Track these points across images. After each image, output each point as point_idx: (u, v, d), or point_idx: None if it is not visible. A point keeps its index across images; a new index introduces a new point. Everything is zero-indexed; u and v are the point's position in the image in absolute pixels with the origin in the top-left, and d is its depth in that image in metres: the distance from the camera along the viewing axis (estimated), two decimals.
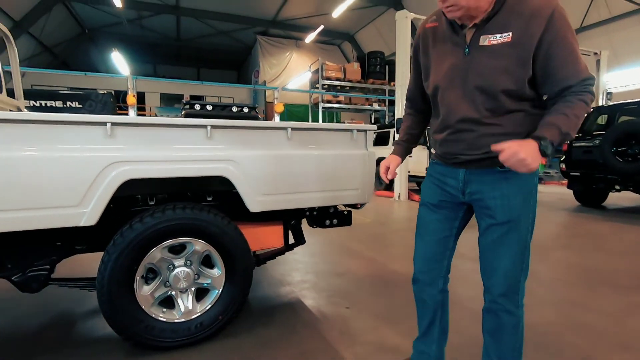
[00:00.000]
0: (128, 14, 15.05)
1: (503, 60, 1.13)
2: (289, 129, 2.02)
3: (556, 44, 1.10)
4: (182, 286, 1.83)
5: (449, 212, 1.39)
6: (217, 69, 21.47)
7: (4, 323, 2.11)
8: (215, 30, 17.10)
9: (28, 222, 1.51)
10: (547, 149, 1.05)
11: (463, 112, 1.23)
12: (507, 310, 1.29)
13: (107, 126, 1.62)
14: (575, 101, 1.10)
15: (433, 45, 1.31)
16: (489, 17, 1.15)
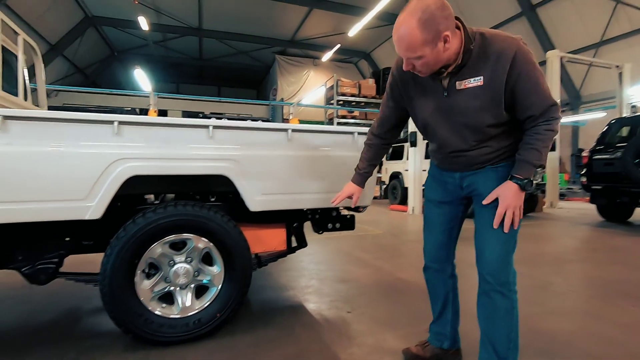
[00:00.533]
0: (154, 36, 15.88)
1: (479, 101, 1.26)
2: (289, 130, 2.07)
3: (520, 81, 1.21)
4: (181, 282, 1.87)
5: (452, 207, 1.57)
6: (237, 88, 22.15)
7: (13, 317, 2.19)
8: (236, 50, 17.76)
9: (38, 213, 1.60)
10: (527, 186, 1.27)
11: (454, 145, 1.40)
12: (499, 291, 1.34)
13: (114, 124, 1.71)
14: (542, 132, 1.25)
15: (414, 85, 1.43)
16: (461, 66, 1.25)
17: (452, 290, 1.66)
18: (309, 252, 3.97)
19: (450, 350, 1.68)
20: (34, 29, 12.34)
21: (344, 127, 2.28)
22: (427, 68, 1.24)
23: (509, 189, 1.29)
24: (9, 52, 2.43)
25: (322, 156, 2.14)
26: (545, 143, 1.25)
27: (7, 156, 1.54)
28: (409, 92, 1.45)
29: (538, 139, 1.25)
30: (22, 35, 2.46)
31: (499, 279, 1.34)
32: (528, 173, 1.27)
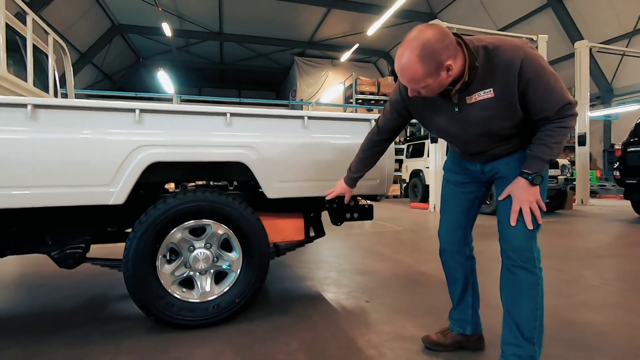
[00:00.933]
0: (177, 42, 16.34)
1: (493, 111, 1.26)
2: (305, 117, 2.07)
3: (530, 87, 1.19)
4: (201, 267, 1.90)
5: (472, 187, 1.56)
6: (257, 90, 22.46)
7: (44, 302, 2.29)
8: (255, 53, 18.02)
9: (65, 198, 1.67)
10: (536, 180, 1.27)
11: (474, 149, 1.43)
12: (522, 267, 1.31)
13: (136, 112, 1.77)
14: (554, 129, 1.23)
15: (423, 103, 1.43)
16: (468, 82, 1.24)
17: (471, 273, 1.62)
18: (328, 246, 3.96)
19: (473, 337, 1.63)
20: (65, 38, 12.96)
21: (360, 114, 2.26)
22: (432, 93, 1.26)
23: (518, 185, 1.29)
24: (40, 51, 2.56)
25: (338, 144, 2.13)
26: (556, 139, 1.24)
27: (36, 143, 1.61)
28: (418, 109, 1.47)
29: (549, 135, 1.24)
30: (52, 35, 2.59)
31: (521, 255, 1.30)
32: (537, 167, 1.26)
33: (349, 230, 5.03)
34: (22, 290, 2.54)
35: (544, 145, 1.24)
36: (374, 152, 1.68)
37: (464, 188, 1.57)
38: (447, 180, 1.64)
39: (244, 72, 20.22)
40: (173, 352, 1.64)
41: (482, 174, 1.51)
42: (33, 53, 2.46)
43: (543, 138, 1.25)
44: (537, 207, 1.28)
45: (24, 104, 1.61)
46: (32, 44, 2.42)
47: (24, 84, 2.20)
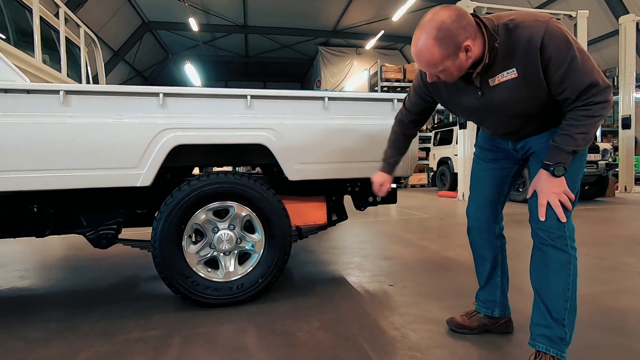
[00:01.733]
0: (203, 36, 16.62)
1: (518, 92, 1.18)
2: (326, 98, 2.05)
3: (551, 64, 1.10)
4: (224, 248, 1.94)
5: (504, 162, 1.49)
6: (282, 82, 22.53)
7: (84, 281, 2.43)
8: (279, 44, 18.03)
9: (96, 180, 1.74)
10: (558, 171, 1.17)
11: (502, 130, 1.37)
12: (552, 245, 1.24)
13: (160, 96, 1.81)
14: (579, 118, 1.13)
15: (445, 88, 1.37)
16: (489, 64, 1.17)
17: (500, 252, 1.56)
18: (352, 232, 3.95)
19: (501, 320, 1.57)
20: (99, 37, 13.51)
21: (382, 94, 2.20)
22: (452, 77, 1.19)
23: (540, 178, 1.22)
24: (74, 44, 2.67)
25: (359, 124, 2.09)
26: (582, 129, 1.14)
27: (69, 128, 1.69)
28: (441, 94, 1.41)
29: (572, 125, 1.15)
30: (83, 28, 2.70)
31: (552, 233, 1.23)
32: (559, 158, 1.17)
33: (375, 218, 4.98)
34: (64, 270, 2.70)
35: (567, 135, 1.15)
36: (404, 136, 1.61)
37: (496, 164, 1.51)
38: (478, 157, 1.58)
39: (268, 64, 20.31)
40: (200, 327, 1.70)
41: (514, 151, 1.44)
42: (67, 46, 2.58)
43: (566, 128, 1.16)
44: (567, 198, 1.20)
45: (57, 90, 1.68)
46: (65, 37, 2.53)
47: (58, 74, 2.32)
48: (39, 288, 2.33)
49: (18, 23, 2.05)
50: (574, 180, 1.26)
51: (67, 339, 1.61)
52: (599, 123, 1.16)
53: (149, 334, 1.65)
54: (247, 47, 18.59)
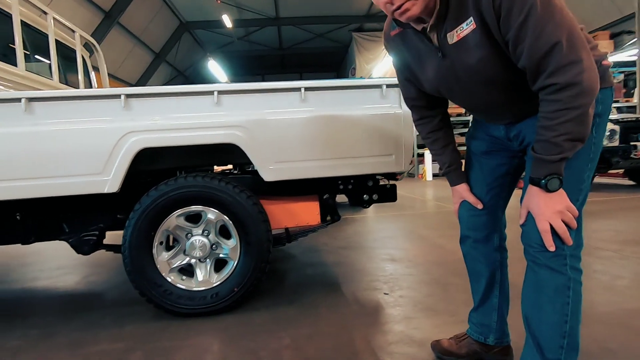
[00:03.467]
0: (238, 32, 16.86)
1: (481, 50, 0.90)
2: (302, 89, 1.84)
3: (505, 14, 0.82)
4: (198, 255, 1.84)
5: (499, 155, 1.20)
6: (318, 72, 22.31)
7: (63, 285, 2.48)
8: (313, 34, 17.79)
9: (62, 188, 1.71)
10: (552, 184, 0.89)
11: (482, 107, 1.09)
12: (545, 264, 0.96)
13: (122, 98, 1.72)
14: (551, 116, 0.84)
15: (408, 52, 1.09)
16: (442, 14, 0.93)
17: (499, 268, 1.27)
18: (370, 228, 3.71)
19: (496, 348, 1.30)
20: (142, 41, 14.25)
21: (368, 79, 1.95)
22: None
23: (532, 196, 0.94)
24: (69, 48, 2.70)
25: (343, 116, 1.86)
26: (559, 131, 0.83)
27: (31, 136, 1.66)
28: (409, 65, 1.12)
29: (545, 127, 0.85)
30: (79, 32, 2.72)
31: (545, 252, 0.94)
32: (548, 170, 0.88)
33: (399, 211, 4.68)
34: (65, 271, 2.80)
35: (545, 142, 0.86)
36: (437, 136, 1.25)
37: (490, 159, 1.21)
38: (471, 150, 1.27)
39: (303, 55, 20.18)
40: (166, 341, 1.61)
41: (507, 140, 1.14)
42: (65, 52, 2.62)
43: (540, 131, 0.87)
44: (571, 216, 0.91)
45: (19, 98, 1.66)
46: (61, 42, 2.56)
47: (47, 81, 2.35)
48: (40, 290, 2.41)
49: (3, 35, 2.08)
50: (580, 179, 0.96)
51: (38, 350, 1.60)
52: (585, 116, 0.82)
53: (114, 346, 1.59)
54: (280, 39, 18.58)
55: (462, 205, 1.28)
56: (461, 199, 1.26)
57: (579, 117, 0.82)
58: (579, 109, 0.81)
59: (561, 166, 0.88)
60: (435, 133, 1.24)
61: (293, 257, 2.86)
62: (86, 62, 2.89)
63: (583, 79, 0.79)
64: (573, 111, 0.81)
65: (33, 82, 2.20)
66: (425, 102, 1.21)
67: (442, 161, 1.26)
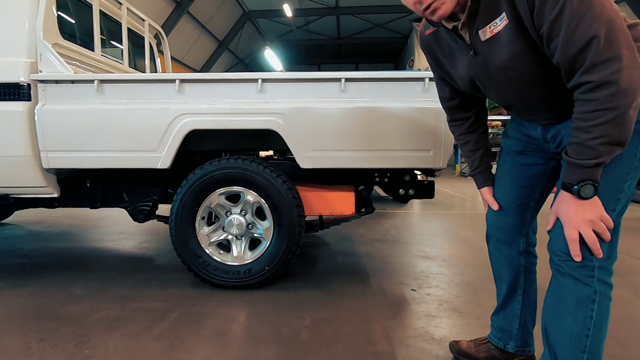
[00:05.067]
0: (297, 21, 17.07)
1: (515, 46, 0.87)
2: (342, 79, 1.87)
3: (539, 7, 0.78)
4: (235, 232, 1.97)
5: (534, 156, 1.15)
6: (375, 63, 21.93)
7: (123, 248, 2.77)
8: (372, 24, 17.46)
9: (123, 161, 1.92)
10: (585, 191, 0.83)
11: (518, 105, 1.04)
12: (569, 274, 0.91)
13: (176, 82, 1.88)
14: (586, 117, 0.79)
15: (441, 52, 1.08)
16: (474, 11, 0.90)
17: (523, 273, 1.23)
18: (409, 224, 3.66)
19: (517, 356, 1.25)
20: (207, 29, 15.03)
21: (411, 72, 1.91)
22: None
23: (563, 203, 0.88)
24: (139, 36, 2.97)
25: (382, 108, 1.86)
26: (594, 133, 0.78)
27: (102, 113, 1.88)
28: (440, 62, 1.10)
29: (580, 128, 0.80)
30: (148, 21, 2.97)
31: (570, 261, 0.89)
32: (581, 175, 0.83)
33: (445, 210, 4.53)
34: (121, 238, 3.13)
35: (579, 144, 0.81)
36: (469, 138, 1.21)
37: (524, 158, 1.16)
38: (504, 149, 1.23)
39: (361, 45, 19.91)
40: (200, 306, 1.77)
41: (544, 141, 1.08)
42: (136, 39, 2.89)
43: (574, 133, 0.82)
44: (604, 227, 0.85)
45: (92, 79, 1.88)
46: (132, 30, 2.83)
47: (119, 65, 2.61)
48: (103, 250, 2.74)
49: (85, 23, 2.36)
50: (618, 188, 0.89)
51: (94, 299, 1.84)
52: (624, 118, 0.75)
53: (156, 305, 1.78)
54: (339, 29, 18.48)
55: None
56: (484, 201, 1.24)
57: (616, 118, 0.76)
58: (616, 110, 0.75)
59: (597, 172, 0.82)
60: (467, 135, 1.21)
61: (326, 244, 2.93)
62: (153, 49, 3.16)
63: (621, 77, 0.73)
64: (610, 112, 0.75)
65: (107, 65, 2.47)
66: (459, 102, 1.19)
67: (470, 163, 1.24)
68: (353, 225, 3.52)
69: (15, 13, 1.91)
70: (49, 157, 1.91)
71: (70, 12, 2.28)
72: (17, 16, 1.91)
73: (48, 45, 1.88)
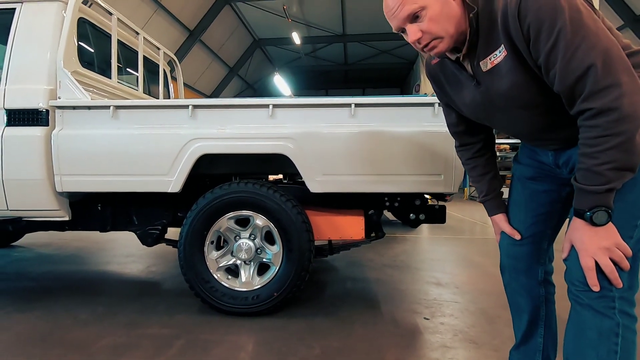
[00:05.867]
0: (305, 48, 17.58)
1: (516, 76, 0.88)
2: (352, 105, 1.89)
3: (535, 38, 0.79)
4: (243, 257, 1.95)
5: (547, 182, 1.12)
6: (381, 88, 22.29)
7: (130, 271, 2.75)
8: (378, 50, 17.89)
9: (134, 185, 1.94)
10: (598, 218, 0.80)
11: (526, 131, 1.04)
12: (590, 306, 0.87)
13: (189, 108, 1.92)
14: (591, 143, 0.78)
15: (446, 80, 1.10)
16: (473, 43, 0.92)
17: (544, 304, 1.17)
18: (420, 249, 3.59)
19: None
20: (218, 56, 15.53)
21: (421, 97, 1.93)
22: (437, 27, 0.87)
23: (577, 230, 0.86)
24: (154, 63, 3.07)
25: (392, 133, 1.87)
26: (602, 159, 0.77)
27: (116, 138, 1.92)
28: (446, 90, 1.12)
29: (586, 154, 0.80)
30: (163, 49, 3.08)
31: (589, 292, 0.85)
32: (593, 201, 0.81)
33: (454, 235, 4.45)
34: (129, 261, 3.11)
35: (587, 170, 0.80)
36: (476, 163, 1.20)
37: (537, 185, 1.13)
38: (516, 175, 1.21)
39: (367, 71, 20.33)
40: (207, 333, 1.73)
41: (556, 167, 1.06)
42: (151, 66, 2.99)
43: (582, 159, 0.81)
44: (621, 255, 0.81)
45: (107, 105, 1.94)
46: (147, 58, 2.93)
47: (134, 92, 2.69)
48: (110, 273, 2.72)
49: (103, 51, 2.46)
50: (635, 214, 0.86)
51: (101, 324, 1.82)
52: (631, 143, 0.74)
53: (163, 331, 1.74)
54: (346, 55, 18.96)
55: (503, 233, 1.20)
56: (500, 228, 1.20)
57: (623, 144, 0.75)
58: (621, 136, 0.74)
59: (609, 198, 0.80)
60: (475, 160, 1.20)
61: (336, 269, 2.88)
62: (167, 75, 3.25)
63: (623, 104, 0.73)
64: (615, 138, 0.75)
65: (122, 92, 2.54)
66: (466, 128, 1.18)
67: (479, 189, 1.21)
68: (362, 249, 3.46)
69: (39, 43, 2.00)
70: (62, 181, 1.94)
71: (89, 41, 2.37)
72: (40, 46, 2.00)
73: (67, 73, 1.95)
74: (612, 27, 0.86)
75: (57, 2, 2.04)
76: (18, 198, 1.98)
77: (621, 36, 0.88)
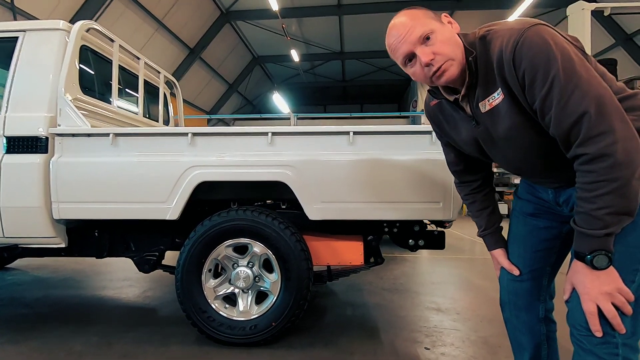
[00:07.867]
0: (304, 65, 17.83)
1: (513, 119, 0.90)
2: (351, 133, 1.90)
3: (529, 84, 0.82)
4: (241, 285, 1.92)
5: (547, 219, 1.12)
6: (379, 104, 22.54)
7: (124, 296, 2.71)
8: (376, 67, 18.15)
9: (133, 212, 1.93)
10: (599, 261, 0.80)
11: (526, 170, 1.05)
12: (592, 352, 0.86)
13: (189, 136, 1.93)
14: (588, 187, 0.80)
15: (445, 120, 1.12)
16: (472, 85, 0.95)
17: (545, 342, 1.16)
18: (421, 271, 3.56)
19: None
20: (218, 73, 15.72)
21: (419, 126, 1.95)
22: (449, 48, 0.89)
23: (577, 273, 0.86)
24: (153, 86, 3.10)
25: (390, 160, 1.88)
26: (598, 204, 0.78)
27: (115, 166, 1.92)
28: (445, 130, 1.14)
29: (584, 199, 0.81)
30: (163, 73, 3.12)
31: (591, 337, 0.84)
32: (593, 245, 0.81)
33: (455, 254, 4.42)
34: (125, 285, 3.07)
35: (585, 214, 0.81)
36: (474, 198, 1.21)
37: (537, 221, 1.13)
38: (516, 210, 1.21)
39: (365, 87, 20.60)
40: None
41: (557, 205, 1.06)
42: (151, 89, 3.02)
43: (579, 204, 0.82)
44: (623, 300, 0.81)
45: (107, 133, 1.94)
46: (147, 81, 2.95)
47: (133, 116, 2.71)
48: (106, 298, 2.68)
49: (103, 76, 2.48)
50: (636, 259, 0.85)
51: (95, 355, 1.78)
52: (627, 188, 0.75)
53: None
54: (344, 72, 19.23)
55: (503, 268, 1.19)
56: (496, 265, 1.20)
57: (619, 189, 0.76)
58: (617, 182, 0.75)
59: (608, 242, 0.80)
60: (473, 195, 1.21)
61: (335, 293, 2.84)
62: (166, 97, 3.28)
63: (616, 150, 0.74)
64: (611, 183, 0.76)
65: (121, 116, 2.56)
66: (465, 167, 1.20)
67: (478, 223, 1.22)
68: (361, 272, 3.43)
69: (41, 71, 2.02)
70: (60, 208, 1.93)
71: (90, 66, 2.40)
72: (42, 74, 2.02)
73: (68, 101, 1.96)
74: (605, 72, 0.88)
75: (60, 31, 2.07)
76: (15, 225, 1.96)
77: (614, 80, 0.89)
